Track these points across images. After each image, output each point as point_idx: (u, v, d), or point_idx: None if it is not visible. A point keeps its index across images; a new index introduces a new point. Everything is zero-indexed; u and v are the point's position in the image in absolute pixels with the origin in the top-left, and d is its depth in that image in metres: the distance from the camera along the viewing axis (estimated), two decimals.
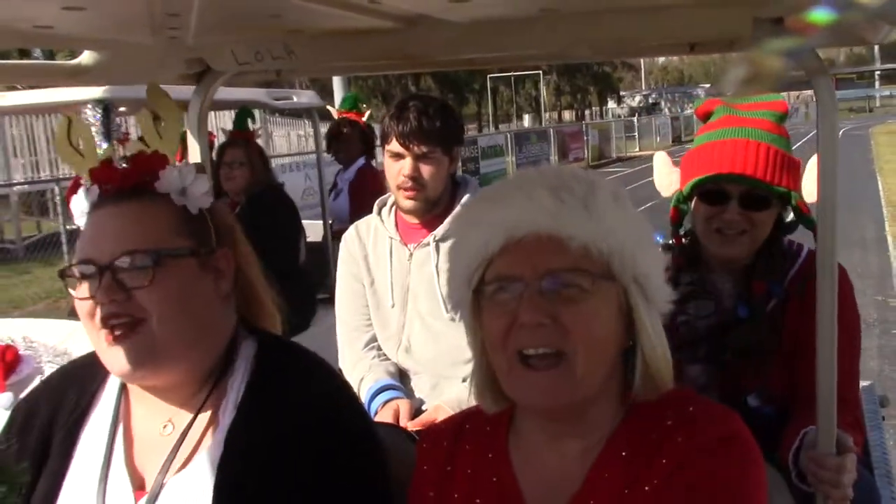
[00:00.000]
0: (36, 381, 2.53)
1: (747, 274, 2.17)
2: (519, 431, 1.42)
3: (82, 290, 1.44)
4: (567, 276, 1.27)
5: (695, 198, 2.19)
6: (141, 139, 1.60)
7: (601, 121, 44.85)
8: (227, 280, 1.54)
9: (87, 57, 1.96)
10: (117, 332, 1.42)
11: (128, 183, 1.50)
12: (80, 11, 1.49)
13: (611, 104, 66.52)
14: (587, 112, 64.01)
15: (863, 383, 2.77)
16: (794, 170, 2.14)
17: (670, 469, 1.27)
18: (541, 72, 48.75)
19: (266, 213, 4.70)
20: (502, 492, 1.37)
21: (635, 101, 66.33)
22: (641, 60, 64.37)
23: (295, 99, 5.86)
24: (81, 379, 1.60)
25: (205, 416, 1.49)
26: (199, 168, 1.55)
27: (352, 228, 2.80)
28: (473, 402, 1.44)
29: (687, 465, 1.26)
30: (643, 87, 76.69)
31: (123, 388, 1.57)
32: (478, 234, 1.33)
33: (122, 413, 1.54)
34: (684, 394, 1.39)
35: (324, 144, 6.11)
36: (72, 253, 1.53)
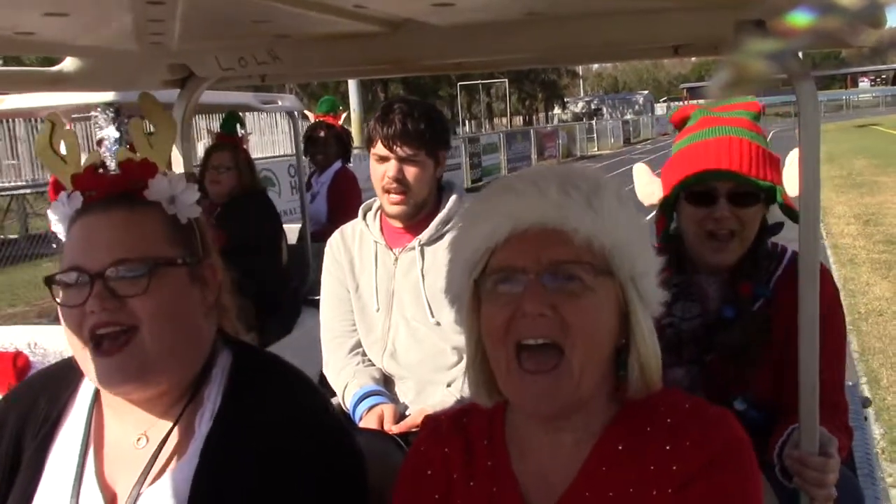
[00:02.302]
0: None
1: (732, 276, 2.18)
2: (514, 422, 1.43)
3: (70, 298, 1.41)
4: (570, 268, 1.28)
5: (681, 202, 2.18)
6: (130, 147, 1.58)
7: (568, 123, 47.62)
8: (212, 291, 1.53)
9: (68, 63, 1.94)
10: (107, 345, 1.39)
11: (115, 189, 1.47)
12: (63, 17, 1.48)
13: (556, 110, 67.66)
14: (534, 118, 64.78)
15: (846, 384, 2.80)
16: (775, 164, 2.15)
17: (681, 478, 1.28)
18: (506, 80, 49.41)
19: (246, 218, 4.70)
20: (496, 476, 1.38)
21: (578, 106, 68.28)
22: (580, 68, 65.43)
23: (280, 103, 5.95)
24: (52, 387, 1.57)
25: (181, 427, 1.47)
26: (189, 178, 1.53)
27: (337, 233, 2.79)
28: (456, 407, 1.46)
29: (698, 476, 1.28)
30: (581, 94, 78.35)
31: (96, 399, 1.54)
32: (483, 223, 1.34)
33: (94, 425, 1.52)
34: (674, 390, 1.41)
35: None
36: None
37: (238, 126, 5.13)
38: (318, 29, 1.77)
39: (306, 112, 6.78)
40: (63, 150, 1.56)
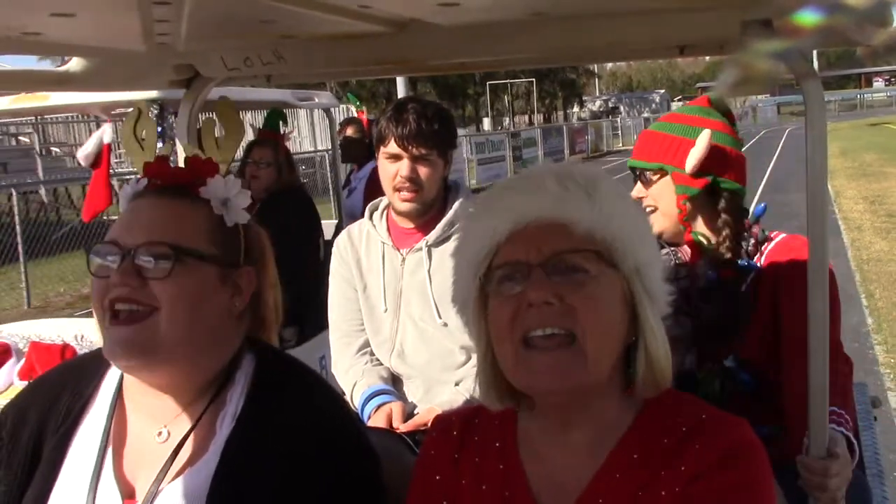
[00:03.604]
0: None
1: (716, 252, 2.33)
2: (525, 424, 1.43)
3: (101, 270, 1.44)
4: (573, 258, 1.29)
5: None
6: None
7: (596, 120, 49.64)
8: (243, 298, 1.53)
9: (75, 64, 1.95)
10: (123, 317, 1.42)
11: (177, 180, 1.51)
12: (70, 18, 1.48)
13: (575, 108, 68.60)
14: (552, 116, 65.68)
15: (855, 383, 2.78)
16: (671, 148, 2.35)
17: (689, 477, 1.28)
18: (534, 80, 50.56)
19: (285, 214, 4.81)
20: (508, 480, 1.38)
21: (596, 105, 69.20)
22: (596, 67, 66.54)
23: (316, 100, 6.05)
24: (74, 382, 1.58)
25: (202, 427, 1.48)
26: (245, 185, 1.56)
27: (343, 233, 2.79)
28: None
29: (707, 474, 1.27)
30: (596, 93, 79.31)
31: (118, 393, 1.55)
32: (485, 222, 1.36)
33: (115, 420, 1.53)
34: (694, 399, 1.40)
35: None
36: None
37: (281, 123, 5.23)
38: (323, 29, 1.78)
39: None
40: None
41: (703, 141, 2.26)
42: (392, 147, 2.52)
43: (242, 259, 1.54)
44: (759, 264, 2.26)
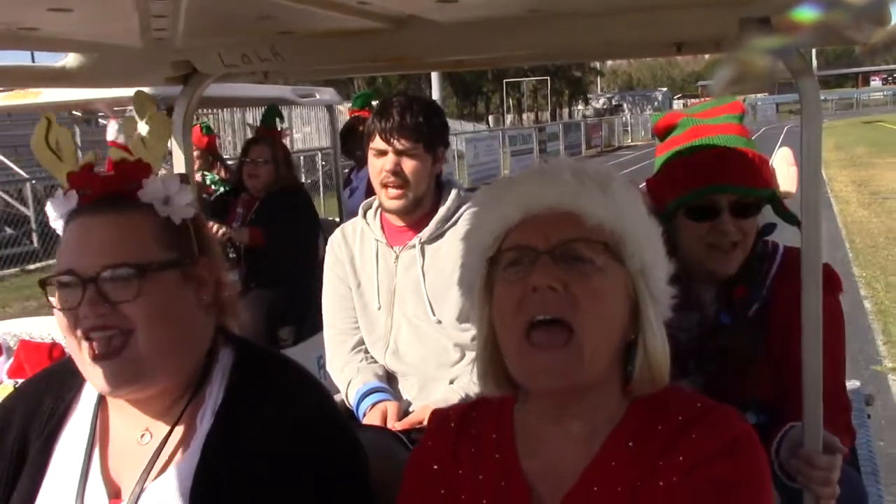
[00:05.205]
0: None
1: (728, 281, 2.13)
2: (522, 414, 1.43)
3: (64, 301, 1.42)
4: (580, 248, 1.31)
5: (680, 217, 2.10)
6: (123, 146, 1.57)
7: (609, 117, 51.62)
8: (208, 289, 1.53)
9: (71, 60, 1.95)
10: (102, 350, 1.40)
11: (109, 190, 1.47)
12: (67, 13, 1.48)
13: (580, 105, 69.28)
14: (558, 112, 66.33)
15: (849, 383, 2.79)
16: (768, 167, 2.12)
17: (688, 467, 1.29)
18: (548, 77, 51.70)
19: (284, 211, 4.87)
20: (504, 470, 1.39)
21: (599, 102, 70.18)
22: (598, 64, 67.34)
23: (317, 96, 5.98)
24: (57, 386, 1.58)
25: (183, 424, 1.48)
26: (183, 178, 1.53)
27: (338, 231, 2.79)
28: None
29: (704, 464, 1.28)
30: (598, 90, 79.96)
31: (101, 397, 1.55)
32: (497, 208, 1.38)
33: (99, 422, 1.53)
34: (687, 391, 1.42)
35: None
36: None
37: (278, 120, 5.27)
38: (321, 25, 1.77)
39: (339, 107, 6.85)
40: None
41: (792, 157, 2.11)
42: (377, 142, 2.54)
43: (197, 252, 1.52)
44: (766, 288, 2.11)
